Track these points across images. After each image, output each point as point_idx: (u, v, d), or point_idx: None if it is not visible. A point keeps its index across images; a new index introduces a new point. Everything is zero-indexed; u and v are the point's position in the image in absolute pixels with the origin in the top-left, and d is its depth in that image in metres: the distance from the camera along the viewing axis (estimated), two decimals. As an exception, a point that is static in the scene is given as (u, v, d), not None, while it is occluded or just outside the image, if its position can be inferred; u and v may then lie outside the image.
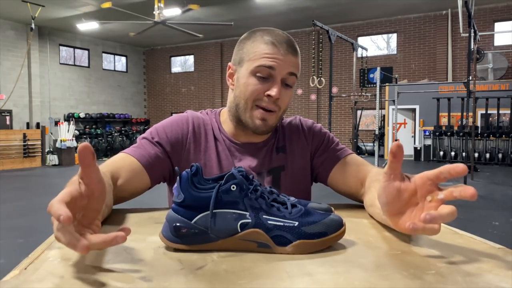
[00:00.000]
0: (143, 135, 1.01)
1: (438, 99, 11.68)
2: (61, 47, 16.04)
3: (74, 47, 16.62)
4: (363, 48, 10.59)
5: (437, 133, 12.03)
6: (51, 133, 12.49)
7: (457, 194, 0.54)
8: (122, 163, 0.91)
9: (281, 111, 0.96)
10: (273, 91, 0.90)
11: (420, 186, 0.59)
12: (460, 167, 0.53)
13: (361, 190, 0.94)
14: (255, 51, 0.92)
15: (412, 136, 13.02)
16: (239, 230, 0.59)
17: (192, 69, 18.77)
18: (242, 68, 0.95)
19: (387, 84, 11.82)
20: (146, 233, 0.68)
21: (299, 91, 15.85)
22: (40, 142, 11.42)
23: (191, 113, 1.05)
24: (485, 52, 12.24)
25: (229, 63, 1.00)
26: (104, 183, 0.58)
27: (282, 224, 0.59)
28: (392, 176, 0.60)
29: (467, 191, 0.53)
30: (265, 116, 0.93)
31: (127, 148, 0.97)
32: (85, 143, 0.53)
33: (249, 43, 0.94)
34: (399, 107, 10.50)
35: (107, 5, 9.13)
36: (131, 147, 0.98)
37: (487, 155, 11.35)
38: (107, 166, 0.89)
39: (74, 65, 16.70)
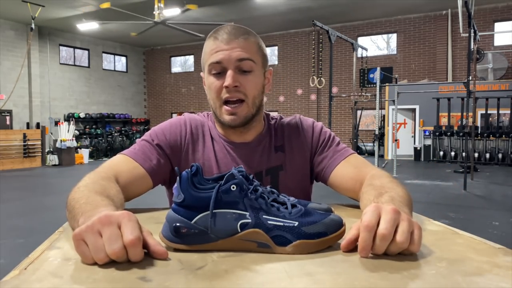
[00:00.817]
0: (142, 137, 1.02)
1: (438, 99, 11.67)
2: (61, 47, 16.03)
3: (74, 47, 16.60)
4: (363, 48, 10.57)
5: (437, 133, 12.03)
6: (51, 133, 12.49)
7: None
8: (126, 167, 0.92)
9: (250, 99, 0.95)
10: (226, 81, 0.91)
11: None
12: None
13: (359, 192, 0.94)
14: (205, 52, 0.96)
15: (412, 136, 13.01)
16: (239, 230, 0.59)
17: (192, 69, 18.75)
18: (205, 73, 0.98)
19: (387, 84, 11.80)
20: (146, 233, 0.68)
21: (299, 91, 15.85)
22: (40, 142, 11.41)
23: (188, 115, 1.07)
24: (485, 52, 12.24)
25: (201, 72, 1.03)
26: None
27: (282, 224, 0.59)
28: (352, 242, 0.59)
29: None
30: (232, 111, 0.94)
31: (127, 150, 0.98)
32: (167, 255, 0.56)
33: (204, 47, 0.97)
34: (399, 107, 10.48)
35: (105, 5, 9.11)
36: (131, 149, 0.98)
37: (487, 155, 11.34)
38: (111, 169, 0.89)
39: (74, 65, 16.68)
